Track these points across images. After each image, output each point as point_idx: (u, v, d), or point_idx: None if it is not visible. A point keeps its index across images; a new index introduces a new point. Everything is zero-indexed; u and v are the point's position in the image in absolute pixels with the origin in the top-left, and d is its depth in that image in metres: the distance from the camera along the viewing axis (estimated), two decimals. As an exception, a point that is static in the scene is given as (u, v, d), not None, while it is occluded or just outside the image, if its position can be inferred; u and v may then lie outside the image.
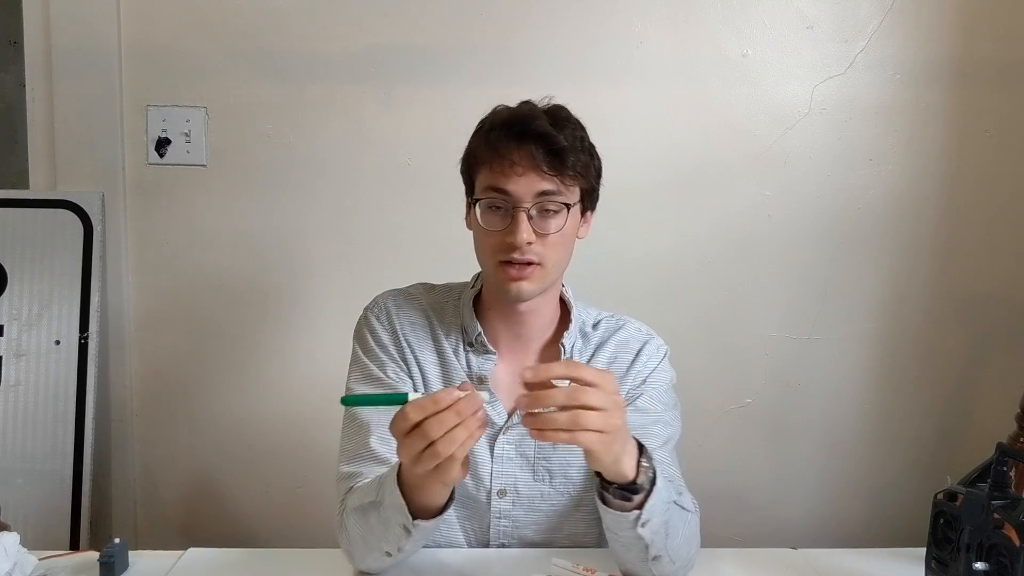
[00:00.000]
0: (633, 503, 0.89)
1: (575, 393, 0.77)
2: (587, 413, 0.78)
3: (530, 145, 0.99)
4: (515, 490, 1.10)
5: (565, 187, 1.02)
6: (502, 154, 1.00)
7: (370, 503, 0.95)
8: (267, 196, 1.72)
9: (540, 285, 1.04)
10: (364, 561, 1.01)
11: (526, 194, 1.00)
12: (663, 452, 1.07)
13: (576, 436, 0.78)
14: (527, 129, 1.00)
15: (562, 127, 1.02)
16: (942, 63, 1.72)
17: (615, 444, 0.81)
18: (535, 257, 1.02)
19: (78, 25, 1.65)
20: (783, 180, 1.74)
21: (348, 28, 1.68)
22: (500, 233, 1.02)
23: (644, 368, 1.14)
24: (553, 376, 0.79)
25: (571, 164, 1.01)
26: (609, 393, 0.80)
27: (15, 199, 1.68)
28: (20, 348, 1.66)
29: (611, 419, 0.79)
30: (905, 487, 1.82)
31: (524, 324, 1.11)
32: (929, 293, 1.78)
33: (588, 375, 0.79)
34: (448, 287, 1.19)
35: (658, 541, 0.92)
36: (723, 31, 1.70)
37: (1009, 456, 0.91)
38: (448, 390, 0.79)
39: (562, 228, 1.02)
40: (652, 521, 0.90)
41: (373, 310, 1.15)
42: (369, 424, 1.06)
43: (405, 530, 0.91)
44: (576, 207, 1.05)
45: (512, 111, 1.05)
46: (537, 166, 0.99)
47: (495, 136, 1.02)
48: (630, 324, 1.18)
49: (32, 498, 1.62)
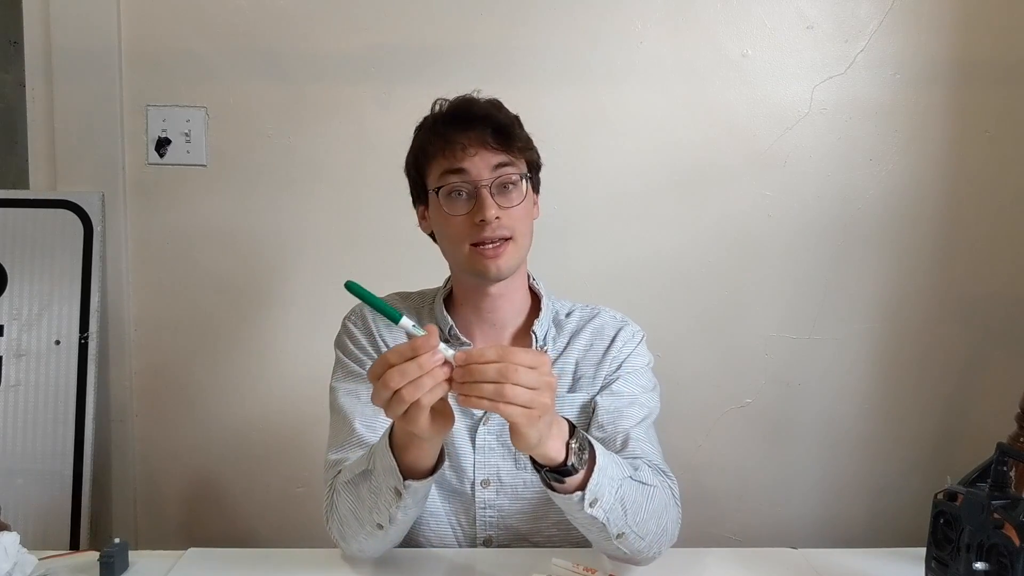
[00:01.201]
0: (572, 485, 0.90)
1: (504, 370, 0.79)
2: (514, 387, 0.79)
3: (476, 127, 1.05)
4: (498, 479, 1.12)
5: (516, 160, 1.08)
6: (452, 140, 1.05)
7: (361, 473, 0.98)
8: (267, 196, 1.72)
9: (516, 259, 1.08)
10: (356, 539, 1.01)
11: (483, 170, 1.05)
12: (639, 430, 1.09)
13: (499, 406, 0.80)
14: (470, 114, 1.07)
15: (499, 108, 1.09)
16: (942, 63, 1.72)
17: (539, 422, 0.82)
18: (506, 231, 1.06)
19: (78, 25, 1.65)
20: (783, 180, 1.74)
21: (348, 28, 1.68)
22: (466, 217, 1.06)
23: (620, 353, 1.15)
24: (485, 360, 0.80)
25: (516, 137, 1.08)
26: (542, 374, 0.81)
27: (15, 199, 1.68)
28: (20, 348, 1.66)
29: (538, 397, 0.81)
30: (905, 487, 1.83)
31: (495, 311, 1.14)
32: (929, 293, 1.78)
33: (521, 357, 0.81)
34: (422, 293, 1.23)
35: (615, 519, 0.93)
36: (723, 31, 1.70)
37: (1009, 456, 0.91)
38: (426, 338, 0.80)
39: (524, 199, 1.08)
40: (601, 500, 0.91)
41: (350, 317, 1.19)
42: (353, 412, 1.10)
43: (396, 493, 0.93)
44: (528, 181, 1.10)
45: (451, 103, 1.10)
46: (486, 143, 1.05)
47: (441, 127, 1.08)
48: (604, 312, 1.20)
49: (32, 498, 1.62)
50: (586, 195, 1.72)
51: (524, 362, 0.80)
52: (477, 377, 0.80)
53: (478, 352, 0.81)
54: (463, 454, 1.12)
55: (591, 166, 1.72)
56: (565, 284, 1.55)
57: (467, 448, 1.12)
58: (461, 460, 1.12)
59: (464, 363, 0.80)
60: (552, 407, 0.83)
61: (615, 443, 1.07)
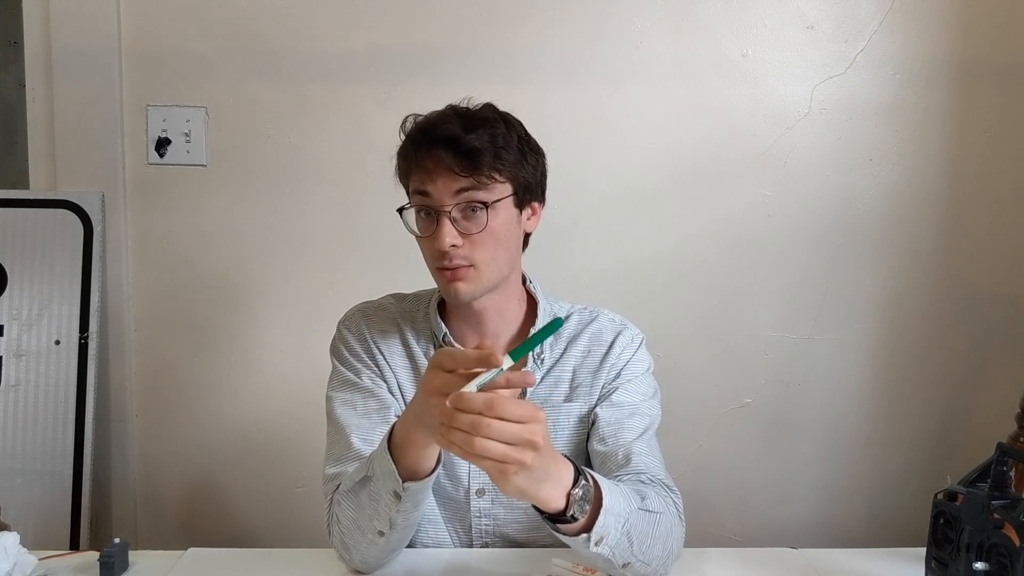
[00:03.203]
0: (575, 528, 0.87)
1: (476, 423, 0.76)
2: (484, 441, 0.76)
3: (440, 150, 1.00)
4: (493, 489, 1.10)
5: (483, 186, 1.02)
6: (419, 162, 1.02)
7: (360, 480, 0.97)
8: (267, 196, 1.72)
9: (477, 285, 1.05)
10: (358, 548, 1.01)
11: (444, 196, 1.01)
12: (640, 443, 1.07)
13: (470, 457, 0.78)
14: (435, 135, 1.02)
15: (475, 128, 1.02)
16: (942, 63, 1.72)
17: (516, 478, 0.79)
18: (462, 260, 1.02)
19: (78, 25, 1.65)
20: (783, 180, 1.74)
21: (348, 28, 1.68)
22: (430, 239, 1.03)
23: (618, 360, 1.13)
24: (466, 408, 0.77)
25: (487, 163, 1.01)
26: (526, 432, 0.77)
27: (15, 199, 1.68)
28: (20, 348, 1.66)
29: (514, 453, 0.77)
30: (905, 487, 1.83)
31: (483, 323, 1.12)
32: (929, 293, 1.78)
33: (509, 410, 0.76)
34: (417, 295, 1.21)
35: (620, 552, 0.90)
36: (723, 31, 1.70)
37: (1009, 456, 0.91)
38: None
39: (484, 227, 1.02)
40: (607, 538, 0.88)
41: (345, 323, 1.18)
42: (349, 426, 1.08)
43: (395, 497, 0.92)
44: (505, 203, 1.04)
45: (423, 119, 1.06)
46: (449, 169, 1.00)
47: (408, 145, 1.05)
48: (603, 315, 1.18)
49: (32, 498, 1.62)
50: (585, 195, 1.72)
51: (510, 415, 0.76)
52: (453, 423, 0.77)
53: (468, 397, 0.77)
54: (458, 463, 1.11)
55: (590, 166, 1.72)
56: (564, 284, 1.55)
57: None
58: (457, 469, 1.11)
59: (453, 404, 0.77)
60: (535, 466, 0.78)
61: (617, 457, 1.05)
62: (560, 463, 0.85)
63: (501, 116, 1.07)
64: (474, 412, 0.76)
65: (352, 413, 1.10)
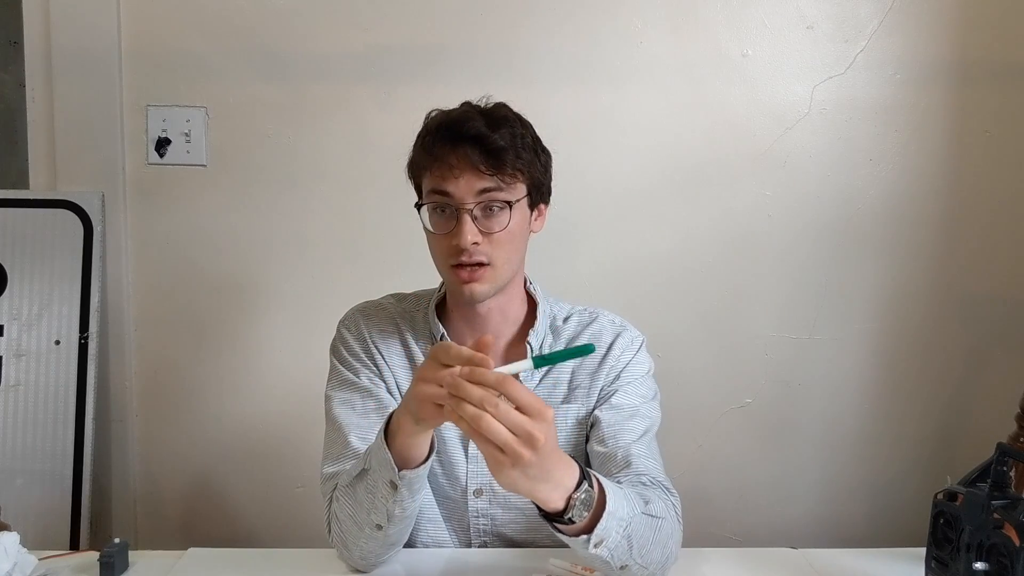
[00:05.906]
0: (575, 529, 0.86)
1: (486, 397, 0.76)
2: (492, 422, 0.75)
3: (466, 147, 1.01)
4: (491, 489, 1.11)
5: (506, 185, 1.03)
6: (440, 158, 1.02)
7: (358, 474, 0.97)
8: (267, 196, 1.72)
9: (492, 285, 1.05)
10: (357, 544, 1.01)
11: (467, 194, 1.02)
12: (640, 446, 1.07)
13: (474, 436, 0.77)
14: (461, 132, 1.01)
15: (498, 126, 1.03)
16: (942, 63, 1.72)
17: (512, 471, 0.78)
18: (483, 258, 1.03)
19: (78, 25, 1.65)
20: (783, 180, 1.74)
21: (348, 28, 1.68)
22: (447, 236, 1.03)
23: (618, 362, 1.13)
24: (479, 380, 0.77)
25: (510, 162, 1.02)
26: (533, 426, 0.76)
27: (15, 199, 1.68)
28: (20, 348, 1.66)
29: (515, 445, 0.76)
30: (905, 487, 1.83)
31: (486, 324, 1.12)
32: (929, 293, 1.78)
33: (520, 395, 0.76)
34: (418, 295, 1.21)
35: (619, 555, 0.90)
36: (723, 31, 1.70)
37: (1009, 456, 0.91)
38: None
39: (506, 226, 1.03)
40: (607, 540, 0.88)
41: (345, 323, 1.18)
42: (348, 425, 1.09)
43: (392, 487, 0.92)
44: (522, 203, 1.06)
45: (446, 115, 1.06)
46: (474, 167, 1.01)
47: (430, 142, 1.04)
48: (603, 316, 1.18)
49: (32, 498, 1.62)
50: (586, 195, 1.72)
51: (519, 398, 0.76)
52: (463, 394, 0.76)
53: (480, 372, 0.77)
54: (456, 463, 1.11)
55: (591, 166, 1.72)
56: (565, 284, 1.55)
57: (460, 457, 1.11)
58: (455, 468, 1.11)
59: (466, 376, 0.77)
60: (532, 464, 0.77)
61: (616, 459, 1.05)
62: (565, 466, 0.84)
63: (516, 116, 1.08)
64: (487, 385, 0.76)
65: (351, 413, 1.10)
